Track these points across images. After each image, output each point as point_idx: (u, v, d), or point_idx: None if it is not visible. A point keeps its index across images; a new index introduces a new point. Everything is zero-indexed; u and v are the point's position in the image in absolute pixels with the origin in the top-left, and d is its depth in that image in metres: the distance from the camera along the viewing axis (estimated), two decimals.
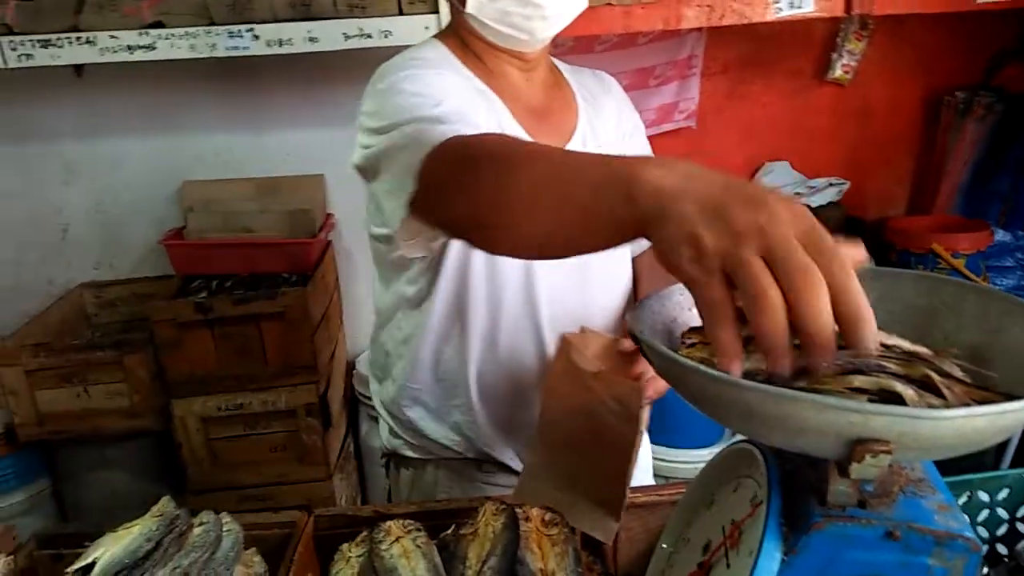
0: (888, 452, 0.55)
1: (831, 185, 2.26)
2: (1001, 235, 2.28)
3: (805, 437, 0.58)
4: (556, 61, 1.21)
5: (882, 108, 2.41)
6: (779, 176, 2.32)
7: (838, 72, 2.34)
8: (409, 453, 1.19)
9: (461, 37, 1.08)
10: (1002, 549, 0.89)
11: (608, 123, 1.19)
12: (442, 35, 1.13)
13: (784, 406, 0.56)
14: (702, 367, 0.63)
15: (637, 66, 2.31)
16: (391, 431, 1.22)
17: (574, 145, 1.12)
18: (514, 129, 1.06)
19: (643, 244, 1.21)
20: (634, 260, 1.25)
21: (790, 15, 2.00)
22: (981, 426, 0.55)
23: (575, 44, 2.23)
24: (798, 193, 2.25)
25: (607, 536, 0.94)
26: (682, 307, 0.81)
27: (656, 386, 0.98)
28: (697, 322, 0.81)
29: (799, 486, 0.69)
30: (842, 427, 0.55)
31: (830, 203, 2.22)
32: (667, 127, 2.34)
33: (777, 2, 2.00)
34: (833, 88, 2.39)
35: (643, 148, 1.27)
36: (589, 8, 1.91)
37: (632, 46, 2.28)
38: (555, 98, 1.15)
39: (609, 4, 1.95)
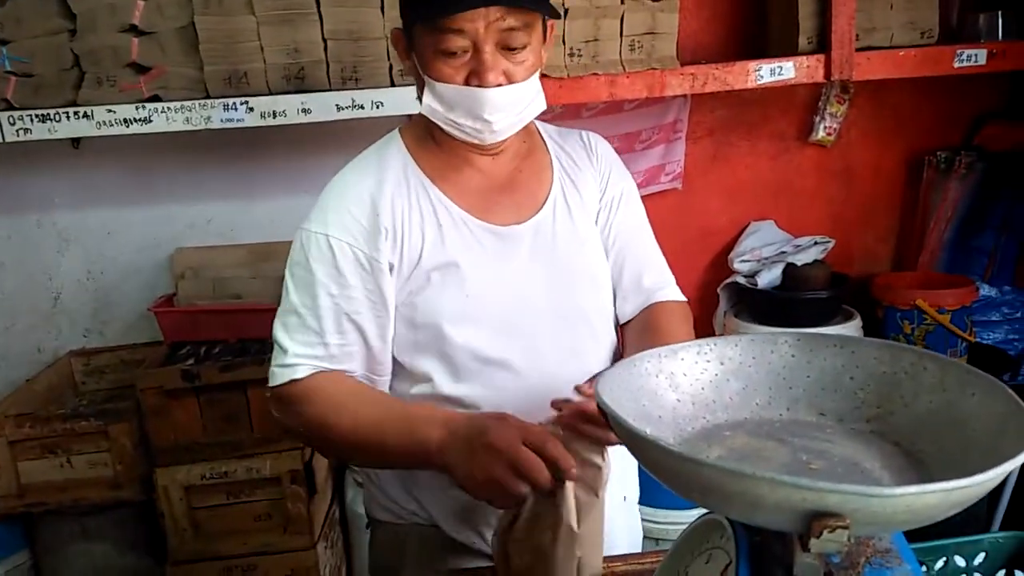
0: (845, 527, 0.55)
1: (816, 243, 2.28)
2: (986, 290, 2.29)
3: (763, 513, 0.58)
4: (541, 125, 1.21)
5: (865, 168, 2.46)
6: (765, 235, 2.35)
7: (821, 134, 2.39)
8: (383, 516, 1.18)
9: (427, 122, 1.10)
10: None
11: (589, 190, 1.18)
12: (412, 121, 1.16)
13: (741, 483, 0.57)
14: (663, 443, 0.63)
15: (624, 131, 2.36)
16: (367, 493, 1.23)
17: (544, 216, 1.13)
18: (458, 221, 1.08)
19: (628, 310, 1.23)
20: (622, 327, 1.22)
21: (771, 82, 2.05)
22: (933, 502, 0.55)
23: (563, 111, 2.28)
24: (783, 252, 2.27)
25: None
26: (649, 374, 0.81)
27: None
28: (664, 392, 0.82)
29: (767, 558, 0.69)
30: (797, 503, 0.56)
31: (815, 261, 2.23)
32: (654, 189, 2.37)
33: (758, 69, 2.05)
34: (816, 149, 2.43)
35: (634, 215, 1.24)
36: (575, 78, 2.00)
37: (618, 112, 2.34)
38: (526, 169, 1.15)
39: (595, 74, 2.01)
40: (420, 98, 1.07)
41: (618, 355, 1.19)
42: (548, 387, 1.01)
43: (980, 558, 0.88)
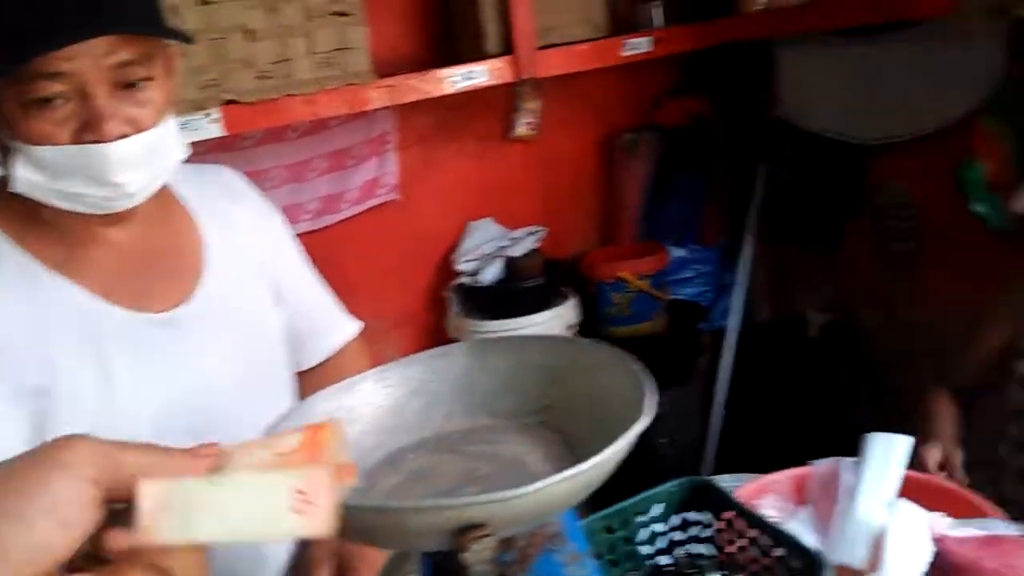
0: (489, 535, 0.60)
1: (530, 234, 2.43)
2: (678, 252, 2.59)
3: (416, 540, 0.61)
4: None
5: (566, 156, 2.65)
6: (484, 233, 2.46)
7: (522, 130, 2.54)
8: None
9: (25, 200, 0.86)
10: (664, 560, 0.99)
11: (245, 238, 1.06)
12: (2, 201, 0.89)
13: (388, 517, 0.59)
14: None
15: (334, 148, 2.35)
16: None
17: (208, 284, 0.99)
18: (98, 319, 0.90)
19: (305, 359, 1.17)
20: (301, 376, 1.17)
21: (467, 86, 2.14)
22: (567, 489, 0.61)
23: (264, 135, 2.22)
24: (502, 246, 2.39)
25: None
26: (327, 415, 0.82)
27: None
28: (347, 435, 0.83)
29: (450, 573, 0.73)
30: (441, 523, 0.59)
31: (531, 250, 2.38)
32: (372, 203, 2.39)
33: (453, 76, 2.13)
34: (521, 145, 2.58)
35: (294, 254, 1.16)
36: (269, 101, 1.95)
37: (325, 130, 2.32)
38: (167, 229, 1.00)
39: (290, 95, 1.97)
40: (6, 172, 0.83)
41: None
42: None
43: (658, 509, 0.99)
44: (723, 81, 2.68)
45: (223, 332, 1.01)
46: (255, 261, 1.08)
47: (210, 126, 1.81)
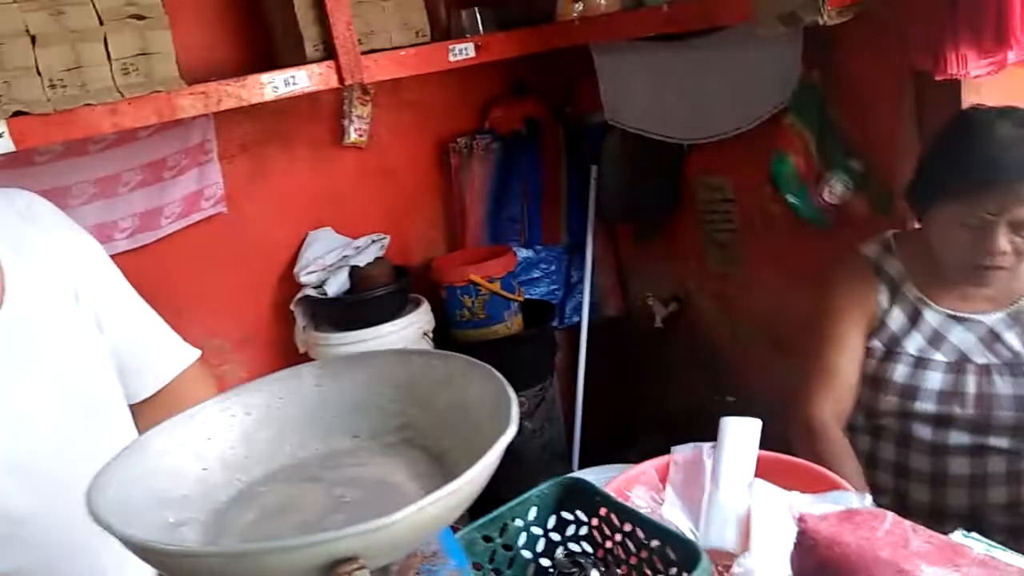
0: (362, 567, 0.54)
1: (373, 242, 2.36)
2: (524, 253, 2.61)
3: None
4: None
5: (402, 162, 2.60)
6: (325, 243, 2.35)
7: (353, 137, 2.46)
8: None
9: None
10: (545, 562, 0.97)
11: (50, 264, 0.98)
12: None
13: (250, 561, 0.52)
14: (158, 543, 0.55)
15: (147, 160, 2.15)
16: None
17: (8, 313, 0.91)
18: None
19: (139, 389, 1.08)
20: (136, 408, 1.07)
21: (288, 92, 2.03)
22: (438, 511, 0.57)
23: (65, 149, 2.00)
24: (345, 256, 2.30)
25: None
26: (165, 452, 0.72)
27: None
28: (187, 465, 0.74)
29: None
30: (310, 560, 0.53)
31: (376, 259, 2.31)
32: (197, 217, 2.21)
33: (272, 81, 2.01)
34: (354, 152, 2.50)
35: (113, 279, 1.09)
36: (64, 112, 1.74)
37: (134, 141, 2.12)
38: None
39: (88, 105, 1.77)
40: None
41: None
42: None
43: (533, 512, 0.97)
44: (555, 84, 2.73)
45: (30, 365, 0.92)
46: (66, 288, 0.99)
47: None
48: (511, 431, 0.61)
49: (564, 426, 2.65)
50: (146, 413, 1.07)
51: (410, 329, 2.22)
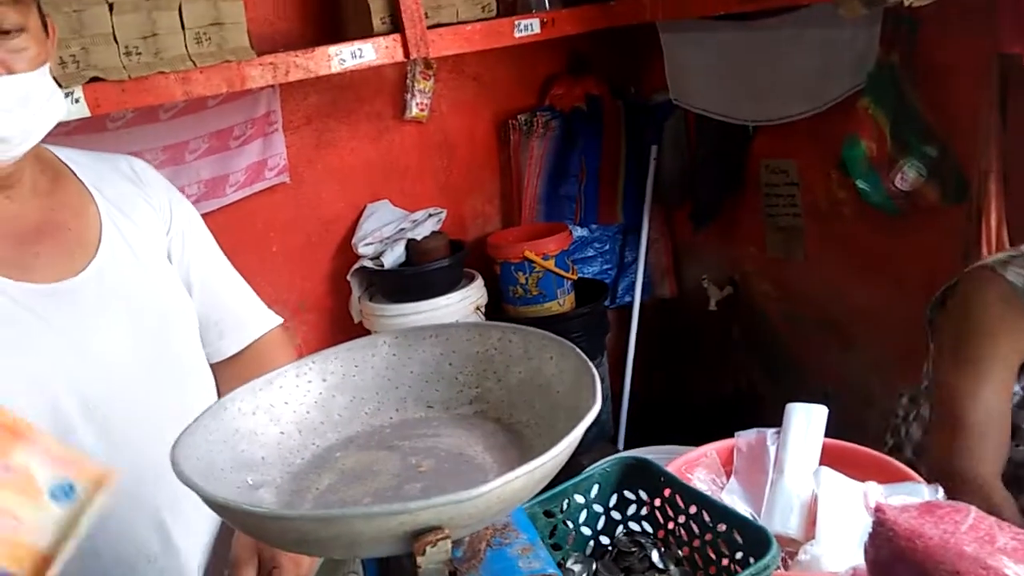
0: (446, 537, 0.55)
1: (430, 216, 2.37)
2: (579, 231, 2.59)
3: (365, 547, 0.55)
4: (61, 151, 1.01)
5: (461, 137, 2.60)
6: (382, 216, 2.37)
7: (415, 111, 2.46)
8: None
9: None
10: (605, 540, 0.97)
11: (150, 224, 1.03)
12: None
13: (335, 526, 0.53)
14: (245, 505, 0.57)
15: (214, 128, 2.19)
16: None
17: (103, 259, 0.96)
18: None
19: (221, 350, 1.11)
20: (216, 368, 1.11)
21: (354, 65, 2.04)
22: (522, 485, 0.57)
23: (136, 115, 2.04)
24: (402, 228, 2.31)
25: None
26: (244, 414, 0.74)
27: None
28: (265, 428, 0.75)
29: (396, 573, 0.67)
30: (394, 529, 0.53)
31: (433, 232, 2.32)
32: (260, 186, 2.25)
33: (339, 54, 2.02)
34: (414, 125, 2.50)
35: (207, 243, 1.12)
36: (138, 79, 1.78)
37: (203, 109, 2.15)
38: (60, 207, 0.97)
39: (162, 72, 1.81)
40: None
41: None
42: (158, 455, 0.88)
43: (595, 490, 0.97)
44: (617, 63, 2.70)
45: (115, 311, 0.96)
46: (160, 247, 1.04)
47: (73, 106, 1.63)
48: (596, 407, 0.61)
49: (612, 405, 2.64)
50: (226, 372, 1.10)
51: (464, 303, 2.24)
